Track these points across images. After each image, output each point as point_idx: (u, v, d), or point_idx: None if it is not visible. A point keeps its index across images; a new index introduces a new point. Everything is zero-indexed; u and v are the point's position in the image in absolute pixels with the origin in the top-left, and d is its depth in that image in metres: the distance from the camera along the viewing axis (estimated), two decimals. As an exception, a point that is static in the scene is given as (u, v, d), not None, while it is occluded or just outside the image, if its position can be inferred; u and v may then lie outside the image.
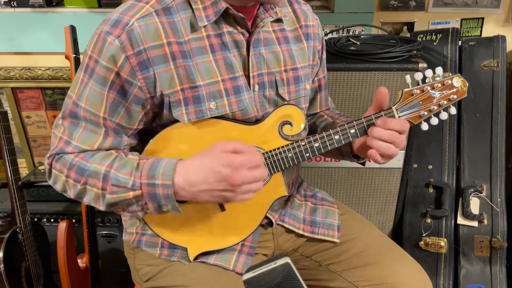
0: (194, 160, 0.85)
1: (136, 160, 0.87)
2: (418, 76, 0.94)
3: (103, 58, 0.85)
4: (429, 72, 0.94)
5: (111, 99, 0.87)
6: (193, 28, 0.89)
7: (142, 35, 0.84)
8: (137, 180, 0.84)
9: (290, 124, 0.97)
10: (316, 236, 1.11)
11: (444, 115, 0.98)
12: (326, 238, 1.11)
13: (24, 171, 2.11)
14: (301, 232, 1.11)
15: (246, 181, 0.82)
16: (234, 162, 0.81)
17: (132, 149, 1.00)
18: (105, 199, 0.87)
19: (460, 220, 1.70)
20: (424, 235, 1.71)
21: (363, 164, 1.10)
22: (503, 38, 1.73)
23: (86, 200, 0.90)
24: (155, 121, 0.95)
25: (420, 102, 0.96)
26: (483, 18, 1.85)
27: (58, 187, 0.93)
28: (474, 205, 1.69)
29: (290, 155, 0.96)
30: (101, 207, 0.89)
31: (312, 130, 1.17)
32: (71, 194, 0.91)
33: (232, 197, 0.84)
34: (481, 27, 1.87)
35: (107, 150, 0.91)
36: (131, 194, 0.84)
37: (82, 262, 1.68)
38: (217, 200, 0.86)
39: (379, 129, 0.92)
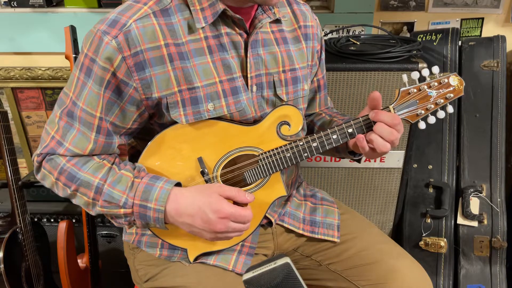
0: (188, 193, 0.87)
1: (131, 178, 0.88)
2: (415, 75, 0.95)
3: (100, 58, 0.84)
4: (425, 71, 0.95)
5: (107, 98, 0.88)
6: (191, 29, 0.89)
7: (140, 36, 0.84)
8: (130, 199, 0.86)
9: (288, 124, 0.97)
10: (316, 236, 1.11)
11: (441, 114, 0.98)
12: (326, 237, 1.11)
13: (24, 171, 2.11)
14: (301, 231, 1.11)
15: (226, 231, 0.87)
16: (222, 211, 0.84)
17: (133, 149, 1.00)
18: (95, 209, 0.90)
19: (460, 220, 1.70)
20: (424, 235, 1.71)
21: (359, 161, 1.10)
22: (503, 38, 1.73)
23: (75, 202, 0.92)
24: (153, 119, 0.95)
25: (417, 101, 0.96)
26: (483, 18, 1.85)
27: (46, 184, 0.94)
28: (474, 205, 1.68)
29: (288, 155, 0.96)
30: (91, 212, 0.91)
31: (309, 128, 1.17)
32: (59, 194, 0.93)
33: (209, 238, 0.89)
34: (481, 27, 1.86)
35: (98, 154, 0.92)
36: (121, 211, 0.87)
37: (82, 262, 1.68)
38: (195, 235, 0.89)
39: (381, 124, 0.92)
